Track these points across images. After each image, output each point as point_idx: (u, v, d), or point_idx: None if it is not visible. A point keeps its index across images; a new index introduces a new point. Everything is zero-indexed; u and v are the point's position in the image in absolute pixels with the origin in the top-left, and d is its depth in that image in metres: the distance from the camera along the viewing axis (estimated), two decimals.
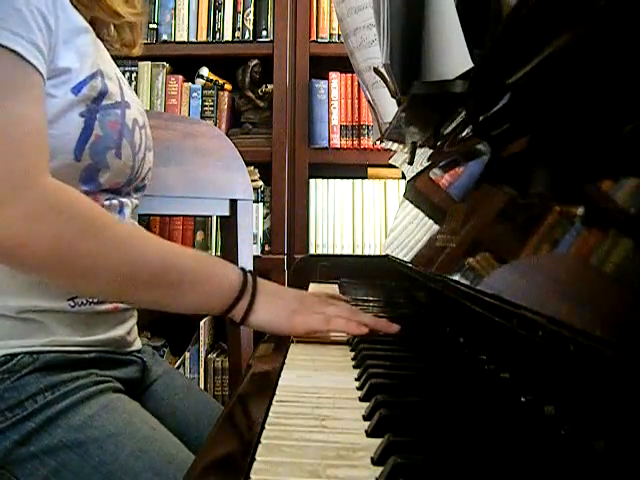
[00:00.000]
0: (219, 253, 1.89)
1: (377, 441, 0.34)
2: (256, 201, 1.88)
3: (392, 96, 0.80)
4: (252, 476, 0.31)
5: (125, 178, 0.73)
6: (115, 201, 0.74)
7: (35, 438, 0.61)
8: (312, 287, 1.08)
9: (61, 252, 0.57)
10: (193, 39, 1.94)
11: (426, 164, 0.92)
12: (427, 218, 0.81)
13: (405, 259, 0.79)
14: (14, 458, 0.61)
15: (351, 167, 1.94)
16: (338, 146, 1.90)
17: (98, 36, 0.78)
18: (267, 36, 1.91)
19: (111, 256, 0.59)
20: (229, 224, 1.53)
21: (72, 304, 0.68)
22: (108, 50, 0.79)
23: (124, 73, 1.89)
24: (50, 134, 0.64)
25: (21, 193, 0.55)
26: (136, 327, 0.81)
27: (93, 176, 0.69)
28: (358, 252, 1.88)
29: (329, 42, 1.91)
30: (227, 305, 0.63)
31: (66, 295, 0.69)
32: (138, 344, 0.80)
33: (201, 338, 1.81)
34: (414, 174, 1.03)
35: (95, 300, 0.71)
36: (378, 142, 1.14)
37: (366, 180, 1.93)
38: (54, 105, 0.65)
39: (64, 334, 0.68)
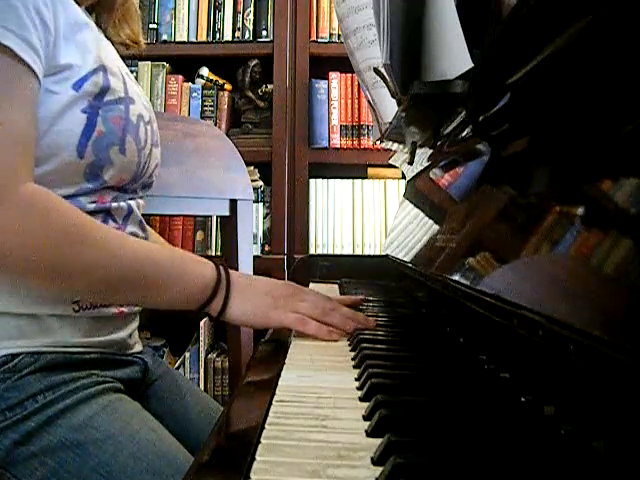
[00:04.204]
0: (219, 253, 1.89)
1: (377, 441, 0.34)
2: (256, 201, 1.88)
3: (392, 96, 0.80)
4: (252, 476, 0.31)
5: (130, 175, 0.73)
6: (123, 203, 0.73)
7: (35, 438, 0.61)
8: (312, 287, 1.07)
9: (37, 263, 0.58)
10: (193, 39, 1.94)
11: (426, 164, 0.92)
12: (427, 218, 0.81)
13: (405, 259, 0.79)
14: (14, 458, 0.60)
15: (351, 167, 1.94)
16: (338, 146, 1.90)
17: (105, 35, 0.78)
18: (267, 36, 1.92)
19: (88, 263, 0.60)
20: (229, 224, 1.53)
21: (76, 308, 0.68)
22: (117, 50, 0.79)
23: None
24: (53, 131, 0.64)
25: None
26: (137, 330, 0.81)
27: (97, 173, 0.68)
28: (358, 252, 1.88)
29: (329, 42, 1.91)
30: (202, 302, 0.66)
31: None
32: (139, 346, 0.80)
33: (201, 338, 1.81)
34: (414, 174, 1.03)
35: (100, 304, 0.71)
36: (378, 142, 1.14)
37: (366, 180, 1.93)
38: (55, 102, 0.64)
39: (66, 335, 0.68)
